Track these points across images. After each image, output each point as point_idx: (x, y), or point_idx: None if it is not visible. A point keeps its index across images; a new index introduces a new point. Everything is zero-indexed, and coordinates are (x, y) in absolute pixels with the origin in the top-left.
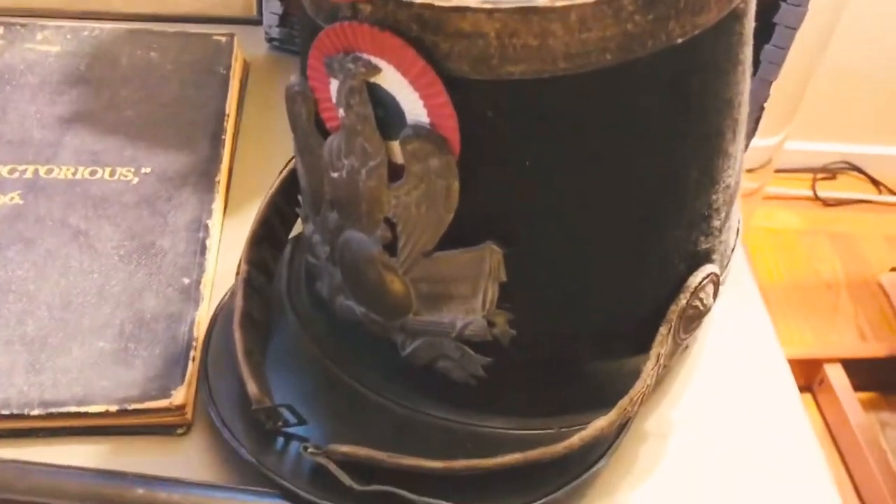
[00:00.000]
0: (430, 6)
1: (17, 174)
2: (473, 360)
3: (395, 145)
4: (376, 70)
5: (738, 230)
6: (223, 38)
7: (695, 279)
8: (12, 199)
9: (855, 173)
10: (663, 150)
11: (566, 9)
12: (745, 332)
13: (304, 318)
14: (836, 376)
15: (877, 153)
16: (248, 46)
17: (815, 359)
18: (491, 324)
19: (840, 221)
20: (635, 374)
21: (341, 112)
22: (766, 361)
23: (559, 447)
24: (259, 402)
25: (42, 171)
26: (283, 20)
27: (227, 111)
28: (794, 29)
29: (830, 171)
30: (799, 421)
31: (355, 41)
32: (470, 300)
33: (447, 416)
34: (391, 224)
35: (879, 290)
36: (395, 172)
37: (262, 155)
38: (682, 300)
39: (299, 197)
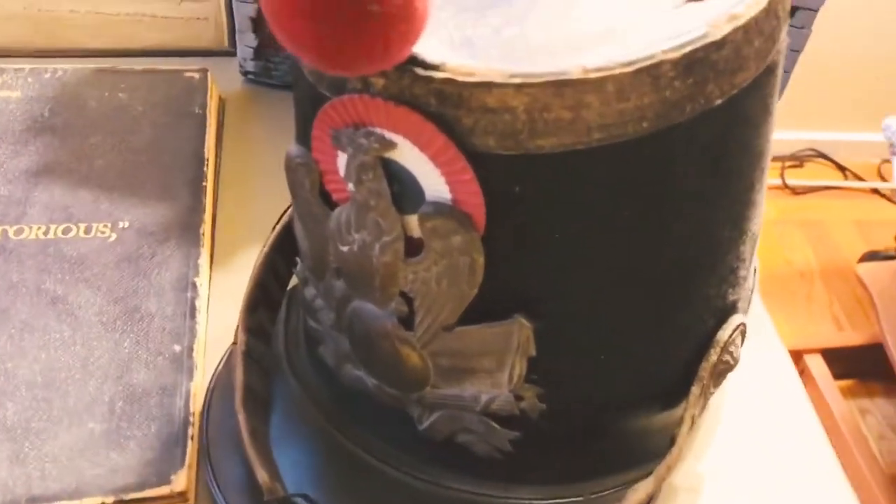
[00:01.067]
0: (452, 81)
1: None
2: (499, 434)
3: (412, 219)
4: (391, 145)
5: (755, 269)
6: (196, 75)
7: (724, 333)
8: None
9: (821, 160)
10: (697, 213)
11: (602, 80)
12: (765, 374)
13: (306, 383)
14: (817, 366)
15: (842, 139)
16: (222, 80)
17: (796, 350)
18: (518, 398)
19: (810, 209)
20: (665, 431)
21: (351, 186)
22: (789, 403)
23: None
24: (272, 492)
25: (10, 231)
26: (258, 53)
27: (205, 155)
28: (798, 52)
29: (798, 159)
30: (831, 466)
31: (367, 115)
32: (495, 374)
33: (471, 489)
34: (407, 298)
35: (853, 277)
36: (412, 246)
37: (246, 199)
38: (713, 356)
39: (297, 259)
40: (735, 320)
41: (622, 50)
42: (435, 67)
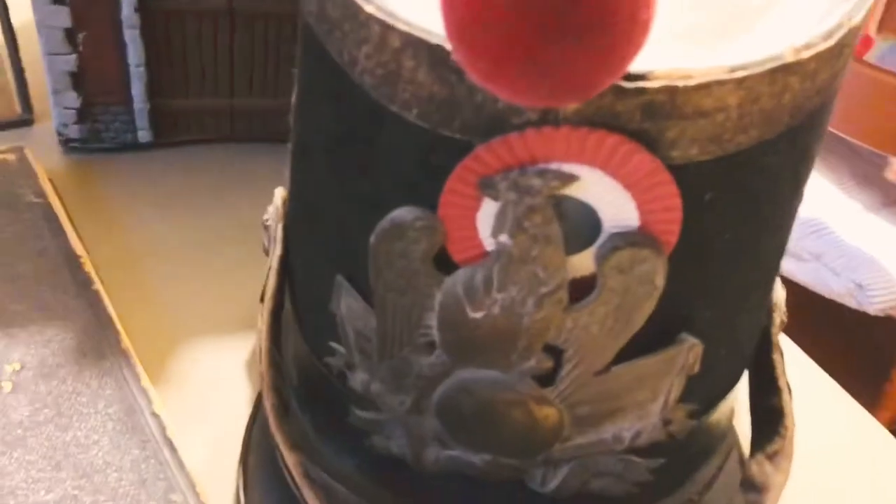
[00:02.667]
0: (670, 89)
1: None
2: (640, 466)
3: (579, 259)
4: (573, 179)
5: None
6: (11, 157)
7: (777, 294)
8: None
9: None
10: (801, 194)
11: (810, 59)
12: None
13: (361, 490)
14: None
15: None
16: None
17: None
18: (667, 422)
19: None
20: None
21: (504, 239)
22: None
23: None
24: None
25: None
26: (83, 114)
27: (76, 251)
28: None
29: None
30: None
31: (542, 150)
32: (646, 405)
33: None
34: (554, 351)
35: None
36: (575, 291)
37: (149, 289)
38: (777, 319)
39: (334, 345)
40: (777, 280)
41: (801, 22)
42: (643, 77)
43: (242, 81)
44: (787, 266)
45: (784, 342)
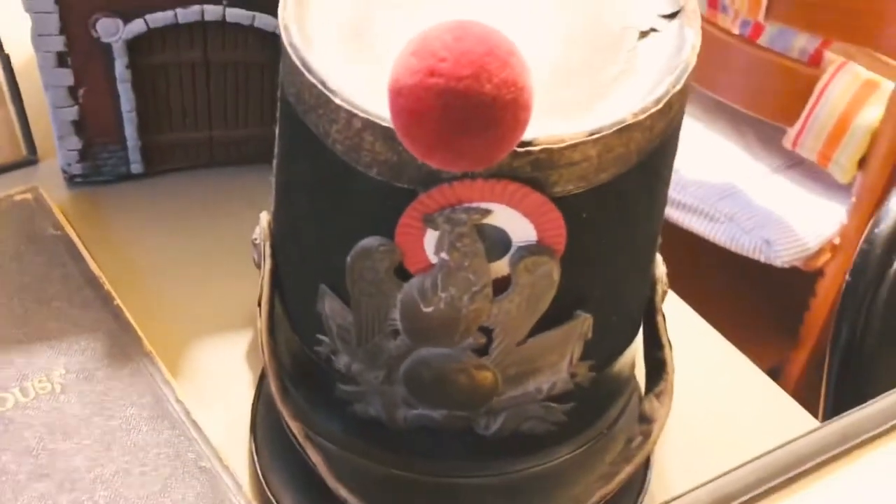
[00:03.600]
0: (548, 150)
1: None
2: (556, 410)
3: (497, 265)
4: (488, 213)
5: None
6: (27, 196)
7: (659, 270)
8: None
9: None
10: (664, 198)
11: (646, 119)
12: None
13: (349, 447)
14: None
15: None
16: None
17: None
18: (573, 375)
19: None
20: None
21: (443, 255)
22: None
23: None
24: None
25: None
26: (84, 154)
27: (95, 273)
28: None
29: None
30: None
31: (465, 195)
32: (557, 364)
33: (533, 463)
34: (486, 330)
35: None
36: (496, 287)
37: (159, 300)
38: (659, 289)
39: (321, 337)
40: (658, 258)
41: (640, 91)
42: (530, 143)
43: (218, 117)
44: (703, 227)
45: (676, 303)
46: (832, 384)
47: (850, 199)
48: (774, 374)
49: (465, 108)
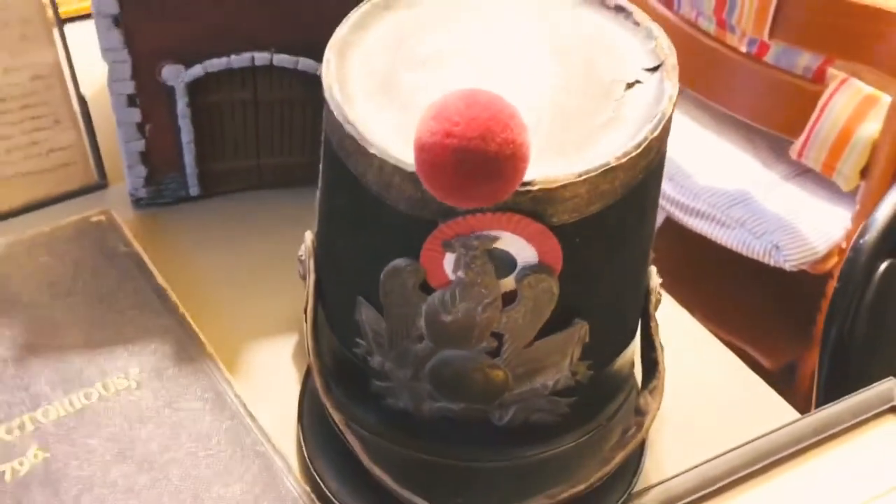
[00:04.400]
0: (544, 189)
1: (16, 432)
2: (561, 403)
3: (506, 281)
4: (496, 239)
5: None
6: (101, 218)
7: (652, 281)
8: (36, 455)
9: None
10: (652, 225)
11: (627, 161)
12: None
13: (383, 434)
14: None
15: None
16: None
17: None
18: (574, 373)
19: None
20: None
21: (460, 274)
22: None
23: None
24: None
25: (38, 415)
26: (149, 180)
27: (161, 284)
28: None
29: None
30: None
31: (478, 225)
32: (559, 364)
33: (540, 450)
34: (497, 336)
35: None
36: (505, 299)
37: (216, 307)
38: (653, 297)
39: (358, 340)
40: (652, 270)
41: (624, 136)
42: (530, 183)
43: (265, 147)
44: (716, 232)
45: (672, 307)
46: (822, 383)
47: (855, 205)
48: (790, 370)
49: (475, 162)
